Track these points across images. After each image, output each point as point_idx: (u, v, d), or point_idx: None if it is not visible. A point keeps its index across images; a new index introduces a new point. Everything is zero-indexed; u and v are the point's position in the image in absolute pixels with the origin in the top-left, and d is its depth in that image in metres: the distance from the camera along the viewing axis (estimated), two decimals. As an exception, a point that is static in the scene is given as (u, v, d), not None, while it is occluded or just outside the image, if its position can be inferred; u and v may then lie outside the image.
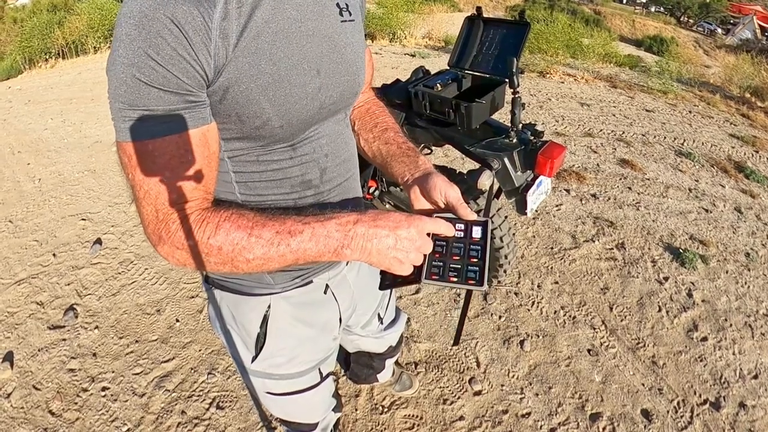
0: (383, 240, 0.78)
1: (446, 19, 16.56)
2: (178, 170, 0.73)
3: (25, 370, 2.41)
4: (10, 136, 6.11)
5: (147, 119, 0.69)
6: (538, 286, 2.96)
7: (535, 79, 8.23)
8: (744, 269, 3.28)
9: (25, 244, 3.50)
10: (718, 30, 36.61)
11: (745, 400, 2.32)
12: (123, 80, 0.66)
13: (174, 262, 0.80)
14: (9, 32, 16.85)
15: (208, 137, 0.75)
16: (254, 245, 0.77)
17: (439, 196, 0.91)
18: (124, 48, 0.65)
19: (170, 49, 0.65)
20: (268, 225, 0.78)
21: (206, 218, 0.77)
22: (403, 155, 1.05)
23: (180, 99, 0.69)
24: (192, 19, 0.65)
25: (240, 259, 0.78)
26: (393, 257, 0.79)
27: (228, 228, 0.77)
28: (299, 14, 0.79)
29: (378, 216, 0.80)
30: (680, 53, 22.46)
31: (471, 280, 0.80)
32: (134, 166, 0.71)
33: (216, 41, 0.68)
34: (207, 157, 0.76)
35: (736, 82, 9.85)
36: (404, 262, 0.79)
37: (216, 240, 0.76)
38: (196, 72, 0.68)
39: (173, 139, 0.71)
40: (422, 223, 0.80)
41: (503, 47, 2.35)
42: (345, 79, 0.91)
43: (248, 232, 0.77)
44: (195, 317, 2.70)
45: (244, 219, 0.78)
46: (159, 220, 0.75)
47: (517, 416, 2.18)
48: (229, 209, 0.80)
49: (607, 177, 4.46)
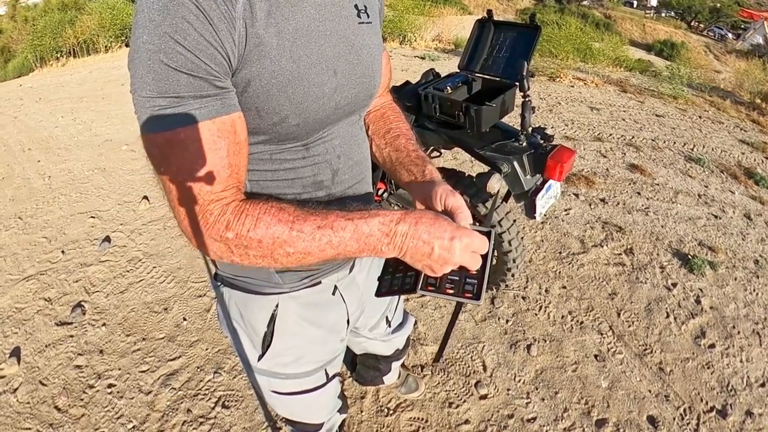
0: (420, 247, 0.78)
1: (456, 21, 16.52)
2: (213, 159, 0.72)
3: (32, 366, 2.43)
4: (20, 133, 6.15)
5: (178, 106, 0.67)
6: (546, 290, 2.95)
7: (545, 83, 8.20)
8: (753, 276, 3.25)
9: (34, 241, 3.52)
10: (728, 35, 36.38)
11: (752, 408, 2.30)
12: (150, 67, 0.65)
13: (212, 255, 0.78)
14: (21, 30, 17.00)
15: (238, 124, 0.74)
16: (295, 239, 0.76)
17: (439, 203, 0.90)
18: (149, 34, 0.64)
19: (197, 34, 0.65)
20: (310, 219, 0.77)
21: (245, 210, 0.75)
22: (411, 163, 1.04)
23: (209, 85, 0.69)
24: (216, 6, 0.65)
25: (280, 252, 0.77)
26: (426, 264, 0.79)
27: (269, 221, 0.75)
28: (318, 14, 0.79)
29: (422, 218, 0.80)
30: (691, 58, 22.33)
31: (468, 293, 0.79)
32: (166, 156, 0.70)
33: (240, 31, 0.68)
34: (238, 144, 0.75)
35: (747, 87, 9.79)
36: (436, 272, 0.80)
37: (256, 233, 0.75)
38: (223, 58, 0.68)
39: (206, 126, 0.70)
40: (467, 239, 0.79)
41: (513, 51, 2.36)
42: (361, 81, 0.91)
43: (289, 226, 0.76)
44: (202, 316, 2.70)
45: (284, 213, 0.77)
46: (195, 212, 0.74)
47: (522, 421, 2.17)
48: (268, 201, 0.78)
49: (617, 182, 4.44)
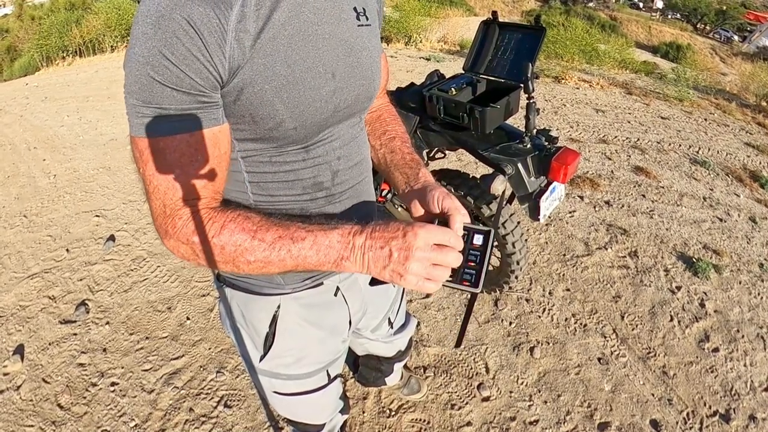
0: (378, 252, 0.76)
1: (462, 23, 16.54)
2: (188, 168, 0.75)
3: (35, 364, 2.44)
4: (26, 132, 6.19)
5: (159, 117, 0.70)
6: (550, 292, 2.95)
7: (550, 85, 8.19)
8: (758, 280, 3.23)
9: (39, 239, 3.54)
10: (734, 37, 36.18)
11: (755, 412, 2.28)
12: (137, 78, 0.68)
13: (179, 256, 0.81)
14: (27, 30, 17.07)
15: (219, 138, 0.77)
16: (256, 248, 0.78)
17: (436, 205, 0.88)
18: (140, 46, 0.66)
19: (185, 49, 0.66)
20: (272, 229, 0.79)
21: (212, 217, 0.79)
22: (405, 166, 1.04)
23: (192, 99, 0.71)
24: (208, 20, 0.66)
25: (241, 260, 0.79)
26: (392, 270, 0.76)
27: (233, 229, 0.78)
28: (316, 17, 0.79)
29: (377, 226, 0.78)
30: (696, 60, 22.23)
31: (466, 281, 0.79)
32: (145, 161, 0.73)
33: (231, 43, 0.69)
34: (217, 157, 0.77)
35: (753, 90, 9.72)
36: (404, 275, 0.75)
37: (219, 239, 0.78)
38: (210, 73, 0.69)
39: (184, 138, 0.73)
40: (423, 231, 0.75)
41: (518, 52, 2.35)
42: (360, 83, 0.91)
43: (251, 235, 0.78)
44: (206, 315, 2.71)
45: (249, 222, 0.79)
46: (166, 215, 0.77)
47: (524, 423, 2.16)
48: (236, 210, 0.81)
49: (621, 184, 4.42)
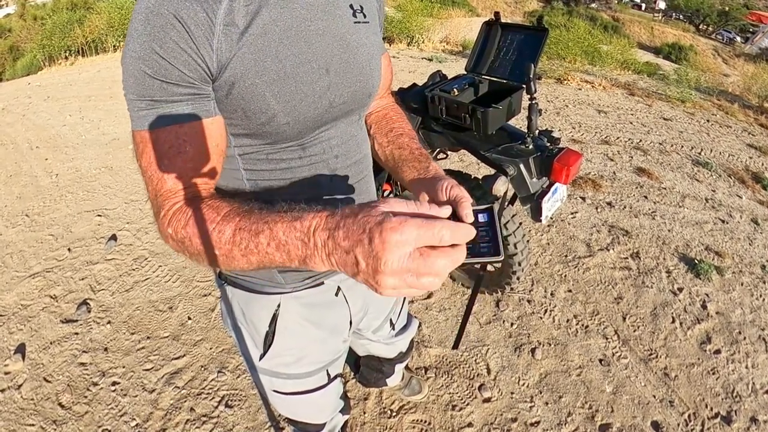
0: (343, 256, 0.60)
1: (464, 23, 16.53)
2: (175, 160, 0.75)
3: (36, 363, 2.44)
4: (28, 131, 6.20)
5: (152, 110, 0.73)
6: (551, 294, 2.94)
7: (552, 86, 8.18)
8: (760, 282, 3.23)
9: (41, 238, 3.54)
10: (737, 38, 36.18)
11: (756, 414, 2.28)
12: (132, 73, 0.71)
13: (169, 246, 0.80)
14: (30, 29, 17.08)
15: (211, 130, 0.77)
16: (218, 241, 0.71)
17: (444, 194, 0.79)
18: (133, 42, 0.70)
19: (173, 42, 0.69)
20: (234, 220, 0.71)
21: (183, 208, 0.75)
22: (414, 160, 1.02)
23: (182, 91, 0.73)
24: (195, 14, 0.69)
25: (209, 253, 0.73)
26: (364, 281, 0.59)
27: (199, 219, 0.73)
28: (309, 13, 0.80)
29: (342, 220, 0.60)
30: (699, 61, 22.24)
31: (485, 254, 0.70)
32: (140, 153, 0.76)
33: (219, 36, 0.71)
34: (209, 149, 0.78)
35: (755, 91, 9.69)
36: (379, 290, 0.58)
37: (186, 231, 0.74)
38: (198, 65, 0.71)
39: (173, 129, 0.74)
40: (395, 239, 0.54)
41: (521, 53, 2.34)
42: (357, 79, 0.91)
43: (213, 226, 0.72)
44: (207, 315, 2.71)
45: (213, 211, 0.73)
46: (155, 205, 0.78)
47: (526, 425, 2.16)
48: (210, 200, 0.76)
49: (623, 185, 4.42)
